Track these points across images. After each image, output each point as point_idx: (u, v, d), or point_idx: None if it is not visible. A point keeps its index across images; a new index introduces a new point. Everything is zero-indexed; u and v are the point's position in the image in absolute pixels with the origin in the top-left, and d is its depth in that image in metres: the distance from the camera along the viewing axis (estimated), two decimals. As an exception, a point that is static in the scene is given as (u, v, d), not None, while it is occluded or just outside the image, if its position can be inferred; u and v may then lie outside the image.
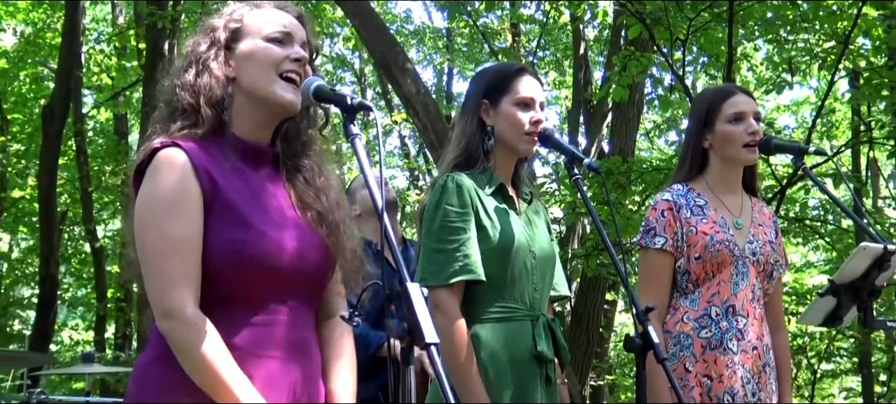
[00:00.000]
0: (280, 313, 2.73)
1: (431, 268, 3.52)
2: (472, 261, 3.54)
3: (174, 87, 2.82)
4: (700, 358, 3.90)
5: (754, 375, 3.95)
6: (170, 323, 2.61)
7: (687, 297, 4.00)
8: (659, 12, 8.68)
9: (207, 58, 2.79)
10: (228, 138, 2.77)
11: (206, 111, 2.75)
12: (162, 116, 2.83)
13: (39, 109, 16.57)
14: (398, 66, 10.06)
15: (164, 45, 14.19)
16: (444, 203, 3.57)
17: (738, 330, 3.93)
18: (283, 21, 2.84)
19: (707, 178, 4.13)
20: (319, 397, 2.81)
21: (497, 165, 3.71)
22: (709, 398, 3.87)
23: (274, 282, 2.71)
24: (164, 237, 2.62)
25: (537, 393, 3.62)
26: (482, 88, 3.78)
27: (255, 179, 2.79)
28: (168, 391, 2.63)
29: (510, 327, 3.62)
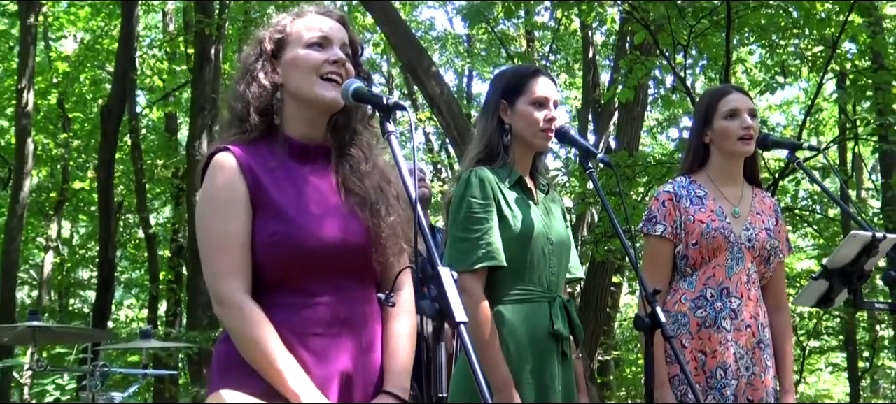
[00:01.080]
0: (324, 294, 2.72)
1: (457, 256, 3.53)
2: (495, 248, 3.56)
3: (232, 96, 2.86)
4: (695, 336, 3.91)
5: (748, 351, 3.95)
6: (221, 309, 2.68)
7: (685, 280, 4.01)
8: (662, 19, 8.68)
9: (255, 68, 2.82)
10: (279, 139, 2.80)
11: (255, 118, 2.78)
12: (225, 123, 2.89)
13: (98, 109, 16.62)
14: (423, 69, 10.06)
15: (211, 51, 14.22)
16: (469, 195, 3.59)
17: (731, 310, 3.93)
18: (322, 26, 2.84)
19: (708, 171, 4.13)
20: (373, 367, 2.80)
21: (516, 160, 3.72)
22: (703, 372, 3.88)
23: (313, 267, 2.71)
24: (215, 233, 2.69)
25: (554, 368, 3.63)
26: (500, 89, 3.79)
27: (301, 174, 2.79)
28: (227, 366, 2.69)
29: (529, 307, 3.63)
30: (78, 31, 18.17)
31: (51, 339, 4.31)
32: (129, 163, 17.15)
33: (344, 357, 2.73)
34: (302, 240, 2.70)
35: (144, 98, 18.51)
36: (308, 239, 2.70)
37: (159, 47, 18.40)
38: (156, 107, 18.73)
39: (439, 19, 36.91)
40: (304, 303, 2.71)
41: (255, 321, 2.63)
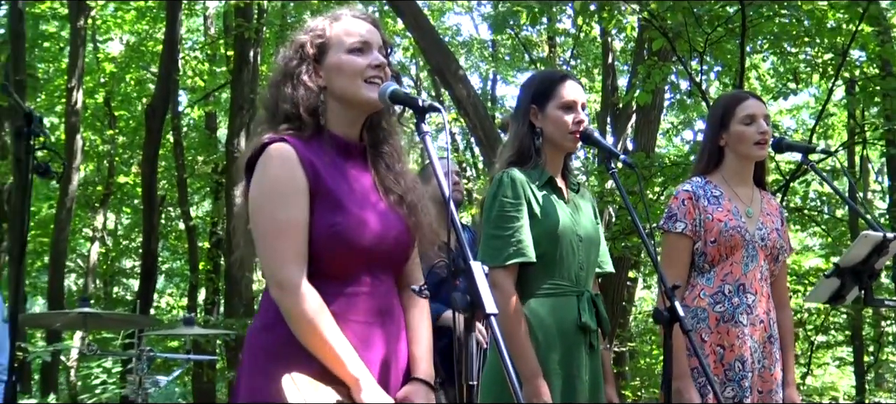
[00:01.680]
0: (367, 284, 2.75)
1: (490, 252, 3.56)
2: (525, 245, 3.58)
3: (275, 97, 2.85)
4: (714, 330, 3.91)
5: (761, 345, 3.96)
6: (281, 293, 2.65)
7: (703, 276, 4.00)
8: (680, 27, 8.65)
9: (299, 72, 2.82)
10: (326, 136, 2.80)
11: (307, 118, 2.79)
12: (263, 120, 2.88)
13: (142, 107, 16.73)
14: (451, 73, 10.06)
15: (250, 53, 14.27)
16: (501, 196, 3.61)
17: (747, 305, 3.93)
18: (361, 31, 2.84)
19: (723, 172, 4.13)
20: (402, 355, 2.83)
21: (547, 161, 3.73)
22: (722, 365, 3.88)
23: (361, 258, 2.74)
24: (276, 219, 2.67)
25: (581, 359, 3.64)
26: (530, 95, 3.80)
27: (346, 170, 2.81)
28: (278, 350, 2.67)
29: (558, 301, 3.64)
30: (124, 34, 18.24)
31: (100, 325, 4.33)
32: (172, 159, 17.22)
33: (381, 344, 2.77)
34: (359, 234, 2.71)
35: (186, 98, 18.58)
36: (364, 232, 2.72)
37: (201, 50, 18.46)
38: (197, 106, 18.80)
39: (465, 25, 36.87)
40: (352, 291, 2.73)
41: (316, 306, 2.63)
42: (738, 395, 3.85)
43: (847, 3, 8.70)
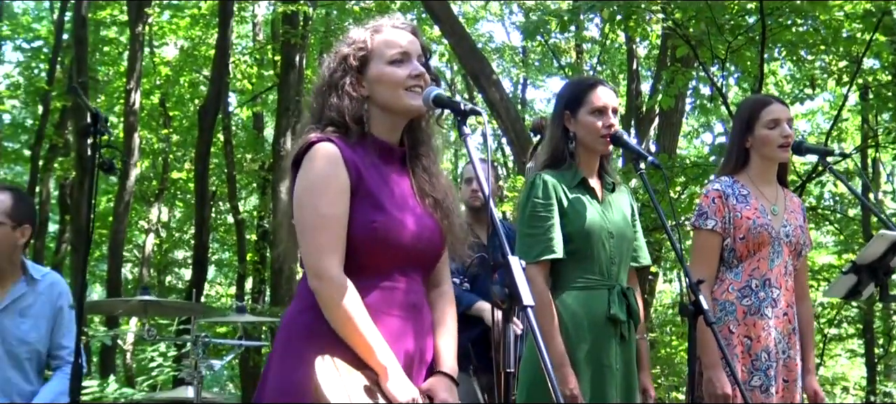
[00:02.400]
0: (400, 281, 2.74)
1: (523, 249, 3.59)
2: (555, 242, 3.61)
3: (320, 105, 2.85)
4: (742, 322, 3.91)
5: (784, 336, 3.95)
6: (319, 283, 2.64)
7: (732, 271, 4.00)
8: (702, 35, 8.62)
9: (343, 83, 2.81)
10: (369, 140, 2.80)
11: (353, 125, 2.78)
12: (309, 123, 2.87)
13: (195, 108, 16.82)
14: (485, 77, 10.05)
15: (295, 58, 14.30)
16: (533, 197, 3.65)
17: (772, 299, 3.93)
18: (401, 41, 2.83)
19: (748, 173, 4.11)
20: (429, 349, 2.82)
21: (581, 163, 3.75)
22: (749, 355, 3.88)
23: (397, 256, 2.73)
24: (319, 213, 2.67)
25: (612, 350, 3.65)
26: (564, 101, 3.82)
27: (387, 172, 2.80)
28: (311, 335, 2.67)
29: (589, 294, 3.66)
30: (178, 39, 18.35)
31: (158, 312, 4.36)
32: (222, 156, 17.31)
33: (411, 338, 2.76)
34: (396, 232, 2.71)
35: (235, 99, 18.66)
36: (401, 231, 2.72)
37: (249, 54, 18.52)
38: (245, 107, 18.89)
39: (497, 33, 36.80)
40: (386, 287, 2.72)
41: (351, 297, 2.63)
42: (765, 383, 3.86)
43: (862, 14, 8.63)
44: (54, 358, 4.53)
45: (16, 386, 4.33)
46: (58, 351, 4.52)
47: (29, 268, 4.50)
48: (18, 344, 4.39)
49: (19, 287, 4.45)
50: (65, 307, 4.57)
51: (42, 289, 4.51)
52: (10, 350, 4.36)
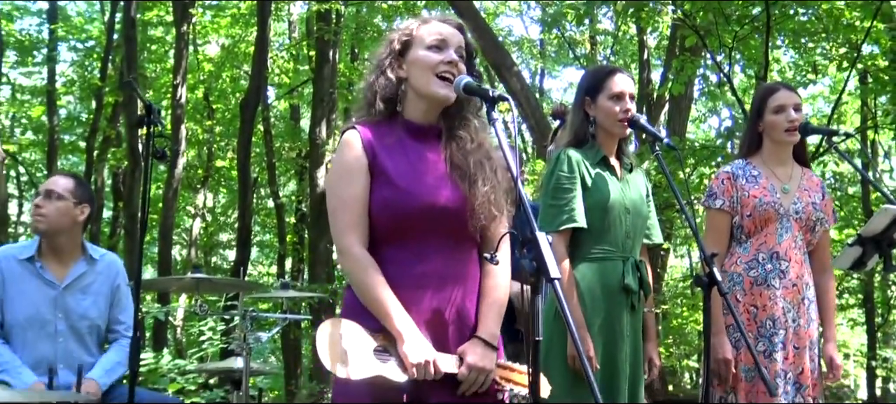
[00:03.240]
0: (425, 250, 2.73)
1: (547, 218, 3.60)
2: (576, 212, 3.61)
3: (365, 87, 2.89)
4: (748, 292, 3.91)
5: (794, 306, 3.93)
6: (343, 259, 2.74)
7: (741, 245, 4.00)
8: (710, 25, 8.58)
9: (384, 64, 2.84)
10: (399, 121, 2.81)
11: (379, 105, 2.80)
12: (355, 107, 2.92)
13: (236, 101, 16.86)
14: (506, 68, 10.03)
15: (329, 53, 14.30)
16: (557, 171, 3.65)
17: (780, 271, 3.91)
18: (442, 31, 2.83)
19: (762, 155, 4.11)
20: (469, 314, 2.79)
21: (601, 144, 3.74)
22: (755, 322, 3.88)
23: (416, 226, 2.72)
24: (340, 196, 2.74)
25: (623, 317, 3.66)
26: (584, 87, 3.83)
27: (416, 151, 2.80)
28: (347, 310, 2.74)
29: (605, 265, 3.66)
30: (220, 37, 18.39)
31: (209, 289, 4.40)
32: (262, 145, 17.35)
33: (438, 304, 2.73)
34: (406, 204, 2.71)
35: (274, 92, 18.69)
36: (412, 202, 2.72)
37: (286, 50, 18.57)
38: (283, 99, 18.92)
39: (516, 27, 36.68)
40: (409, 257, 2.72)
41: (368, 269, 2.67)
42: (769, 349, 3.84)
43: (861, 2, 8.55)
44: (112, 331, 4.58)
45: (78, 357, 4.37)
46: (115, 325, 4.57)
47: (88, 249, 4.56)
48: (80, 319, 4.44)
49: (80, 266, 4.50)
50: (122, 284, 4.62)
51: (101, 269, 4.56)
52: (72, 325, 4.41)
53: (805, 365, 3.90)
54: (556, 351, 3.56)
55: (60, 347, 4.34)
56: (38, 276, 4.41)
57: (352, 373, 2.58)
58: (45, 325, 4.36)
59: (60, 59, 18.04)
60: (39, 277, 4.41)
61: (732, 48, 8.86)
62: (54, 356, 4.28)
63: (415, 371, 2.60)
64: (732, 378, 3.86)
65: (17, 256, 4.44)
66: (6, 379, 4.17)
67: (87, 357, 4.41)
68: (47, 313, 4.37)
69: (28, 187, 19.86)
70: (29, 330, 4.35)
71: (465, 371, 2.67)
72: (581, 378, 3.49)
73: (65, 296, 4.41)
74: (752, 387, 3.86)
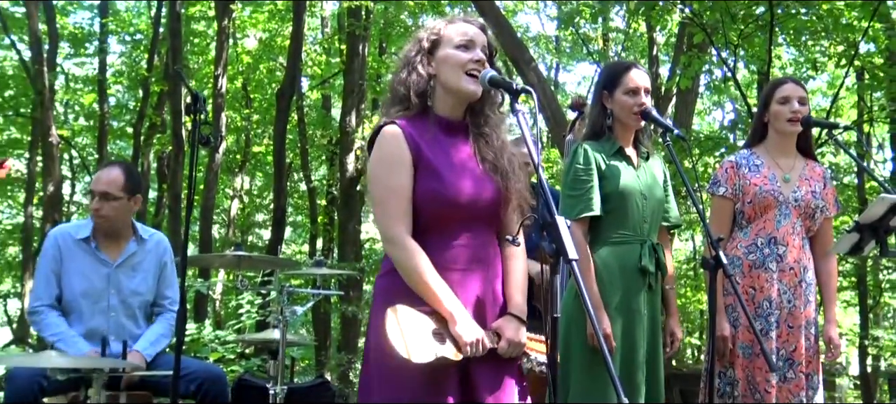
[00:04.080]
0: (463, 237, 2.76)
1: (566, 208, 3.59)
2: (593, 202, 3.60)
3: (395, 82, 2.88)
4: (747, 275, 3.91)
5: (791, 288, 3.92)
6: (390, 246, 2.72)
7: (741, 230, 4.00)
8: (716, 24, 8.52)
9: (415, 61, 2.84)
10: (431, 117, 2.82)
11: (414, 99, 2.81)
12: (388, 102, 2.90)
13: (272, 91, 16.89)
14: (524, 62, 9.98)
15: (359, 47, 14.31)
16: (575, 163, 3.64)
17: (778, 255, 3.91)
18: (468, 31, 2.85)
19: (766, 145, 4.10)
20: (499, 294, 2.83)
21: (618, 135, 3.73)
22: (752, 303, 3.88)
23: (457, 215, 2.75)
24: (386, 186, 2.72)
25: (641, 297, 3.64)
26: (602, 82, 3.82)
27: (448, 144, 2.81)
28: (389, 295, 2.71)
29: (623, 248, 3.65)
30: (258, 32, 18.41)
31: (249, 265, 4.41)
32: (296, 132, 17.37)
33: (477, 286, 2.77)
34: (451, 195, 2.72)
35: (307, 83, 18.70)
36: (456, 194, 2.73)
37: (319, 44, 18.57)
38: (316, 90, 18.93)
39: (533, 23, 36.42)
40: (450, 243, 2.74)
41: (418, 256, 2.67)
42: (765, 328, 3.85)
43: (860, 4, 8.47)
44: (158, 305, 4.61)
45: (128, 330, 4.43)
46: (162, 299, 4.61)
47: (139, 230, 4.59)
48: (131, 294, 4.48)
49: (131, 246, 4.53)
50: (168, 262, 4.65)
51: (150, 247, 4.59)
52: (124, 300, 4.46)
53: (799, 343, 3.90)
54: (577, 329, 3.55)
55: (112, 320, 4.39)
56: (92, 255, 4.45)
57: (418, 358, 2.59)
58: (98, 300, 4.41)
59: (110, 51, 18.13)
60: (94, 256, 4.45)
61: (737, 45, 8.81)
62: (107, 328, 4.33)
63: (469, 349, 2.64)
64: (730, 354, 3.88)
65: (74, 236, 4.49)
66: (63, 348, 4.22)
67: (136, 329, 4.47)
68: (101, 289, 4.42)
69: (80, 169, 19.99)
70: (84, 304, 4.40)
71: (505, 345, 2.74)
72: (598, 354, 3.49)
73: (117, 274, 4.46)
74: (749, 363, 3.87)
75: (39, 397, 4.11)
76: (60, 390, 4.12)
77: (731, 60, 9.26)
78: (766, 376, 3.81)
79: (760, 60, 9.39)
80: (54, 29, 15.73)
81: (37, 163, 16.25)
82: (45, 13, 15.35)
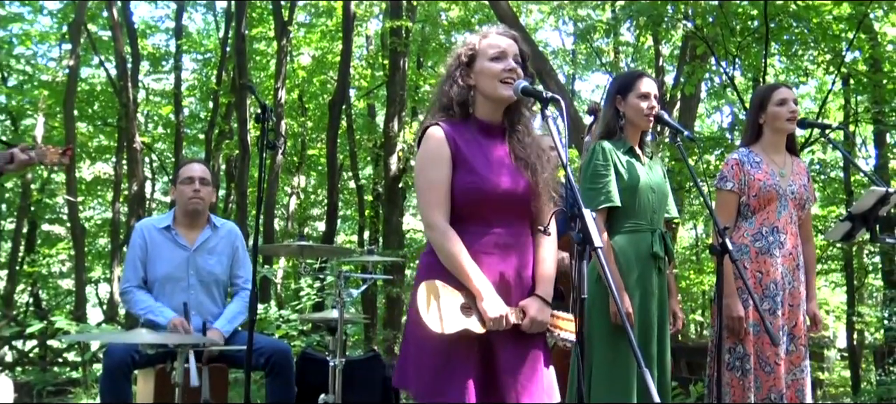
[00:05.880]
0: (496, 226, 2.75)
1: (586, 200, 3.55)
2: (612, 194, 3.57)
3: (439, 92, 2.89)
4: (754, 260, 3.86)
5: (790, 271, 3.89)
6: (430, 231, 2.72)
7: (747, 221, 3.94)
8: (717, 36, 8.42)
9: (456, 74, 2.85)
10: (472, 120, 2.83)
11: (457, 108, 2.81)
12: (433, 108, 2.91)
13: (325, 101, 16.96)
14: (546, 72, 9.88)
15: (400, 62, 14.30)
16: (594, 160, 3.61)
17: (779, 242, 3.87)
18: (501, 44, 2.84)
19: (761, 144, 4.04)
20: (528, 278, 2.82)
21: (628, 135, 3.71)
22: (760, 286, 3.83)
23: (491, 207, 2.74)
24: (429, 179, 2.73)
25: (653, 279, 3.62)
26: (616, 87, 3.79)
27: (486, 144, 2.81)
28: (429, 271, 2.73)
29: (637, 236, 3.63)
30: (311, 50, 18.49)
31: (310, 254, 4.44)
32: (345, 137, 17.41)
33: (507, 268, 2.76)
34: (486, 188, 2.72)
35: (355, 94, 18.76)
36: (491, 187, 2.73)
37: (365, 60, 18.61)
38: (362, 100, 18.99)
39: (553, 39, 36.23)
40: (484, 231, 2.74)
41: (453, 240, 2.68)
42: (773, 307, 3.80)
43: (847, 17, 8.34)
44: (233, 284, 4.68)
45: (207, 307, 4.48)
46: (235, 279, 4.67)
47: (212, 219, 4.66)
48: (208, 275, 4.54)
49: (206, 232, 4.60)
50: (240, 247, 4.71)
51: (223, 234, 4.65)
52: (202, 280, 4.51)
53: (799, 319, 3.87)
54: (599, 309, 3.54)
55: (192, 298, 4.44)
56: (173, 241, 4.52)
57: (446, 329, 2.60)
58: (179, 280, 4.47)
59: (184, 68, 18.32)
60: (174, 242, 4.52)
61: (735, 55, 8.69)
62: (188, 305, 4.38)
63: (492, 323, 2.64)
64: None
65: (157, 226, 4.57)
66: (152, 318, 4.31)
67: (213, 306, 4.53)
68: (181, 270, 4.48)
69: (159, 171, 20.23)
70: (167, 284, 4.47)
71: (528, 323, 2.73)
72: (619, 330, 3.49)
73: (195, 257, 4.51)
74: (757, 339, 3.82)
75: (132, 369, 4.18)
76: (150, 363, 4.19)
77: (729, 69, 9.14)
78: (775, 350, 3.77)
79: (756, 69, 9.27)
80: (136, 50, 15.92)
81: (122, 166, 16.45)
82: (129, 36, 15.54)
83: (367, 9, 17.63)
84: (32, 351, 13.42)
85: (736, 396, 3.78)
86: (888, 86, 8.78)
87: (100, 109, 18.02)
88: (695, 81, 9.21)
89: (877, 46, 8.86)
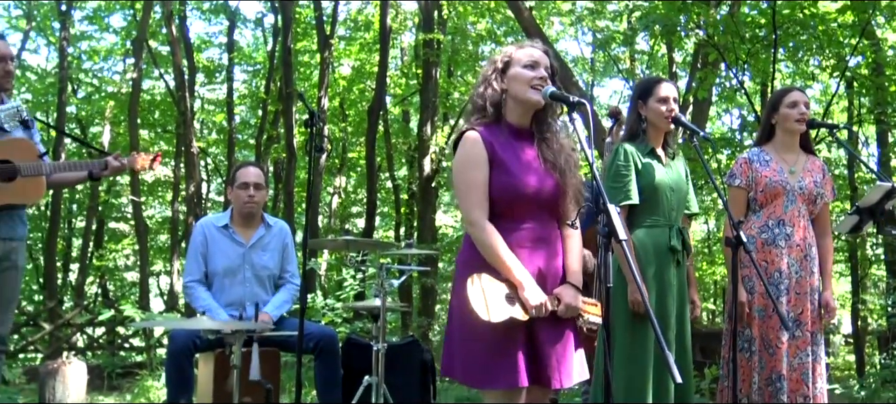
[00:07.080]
0: (529, 222, 2.76)
1: (608, 197, 3.51)
2: (632, 192, 3.56)
3: (475, 96, 2.89)
4: (760, 251, 3.85)
5: (797, 261, 3.84)
6: (471, 227, 2.72)
7: (755, 214, 3.93)
8: (728, 43, 8.31)
9: (490, 79, 2.85)
10: (503, 124, 2.83)
11: (490, 109, 2.81)
12: (468, 112, 2.92)
13: (363, 108, 17.01)
14: (567, 80, 9.85)
15: (432, 71, 14.33)
16: (617, 161, 3.61)
17: (786, 234, 3.84)
18: (533, 54, 2.85)
19: (773, 143, 4.01)
20: (559, 269, 2.83)
21: (650, 137, 3.68)
22: (766, 274, 3.80)
23: (524, 205, 2.75)
24: (467, 180, 2.73)
25: (671, 272, 3.60)
26: (638, 92, 3.78)
27: (517, 147, 2.82)
28: (470, 265, 2.73)
29: (656, 231, 3.60)
30: (351, 61, 18.56)
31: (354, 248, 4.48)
32: (382, 140, 17.47)
33: (540, 260, 2.77)
34: (519, 188, 2.73)
35: (390, 101, 18.80)
36: (523, 187, 2.73)
37: (400, 69, 18.64)
38: (398, 106, 19.03)
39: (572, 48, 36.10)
40: (518, 227, 2.74)
41: (493, 235, 2.68)
42: (776, 295, 3.78)
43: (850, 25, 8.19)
44: (281, 278, 4.71)
45: (260, 297, 4.52)
46: (284, 273, 4.70)
47: (266, 218, 4.70)
48: (261, 268, 4.58)
49: (260, 230, 4.63)
50: (289, 243, 4.74)
51: (275, 232, 4.69)
52: (256, 273, 4.55)
53: (806, 307, 3.83)
54: (619, 297, 3.52)
55: (247, 290, 4.49)
56: (230, 238, 4.56)
57: (493, 317, 2.62)
58: (236, 274, 4.51)
59: (235, 79, 18.49)
60: (232, 239, 4.56)
61: (745, 61, 8.58)
62: (243, 296, 4.43)
63: (534, 310, 2.66)
64: (747, 316, 3.82)
65: (216, 224, 4.61)
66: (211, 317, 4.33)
67: (266, 296, 4.57)
68: (238, 265, 4.52)
69: (214, 173, 20.45)
70: (225, 278, 4.51)
71: (563, 308, 2.75)
72: (639, 317, 3.47)
73: (250, 253, 4.55)
74: (763, 323, 3.81)
75: (194, 352, 4.24)
76: (209, 347, 4.24)
77: (739, 74, 9.03)
78: (778, 334, 3.74)
79: (764, 73, 9.13)
80: (192, 63, 16.10)
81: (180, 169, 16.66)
82: (186, 51, 15.72)
83: (402, 23, 17.65)
84: (101, 337, 13.65)
85: (744, 375, 3.80)
86: (890, 88, 8.61)
87: (160, 117, 18.28)
88: (707, 86, 9.10)
89: (879, 51, 8.69)
